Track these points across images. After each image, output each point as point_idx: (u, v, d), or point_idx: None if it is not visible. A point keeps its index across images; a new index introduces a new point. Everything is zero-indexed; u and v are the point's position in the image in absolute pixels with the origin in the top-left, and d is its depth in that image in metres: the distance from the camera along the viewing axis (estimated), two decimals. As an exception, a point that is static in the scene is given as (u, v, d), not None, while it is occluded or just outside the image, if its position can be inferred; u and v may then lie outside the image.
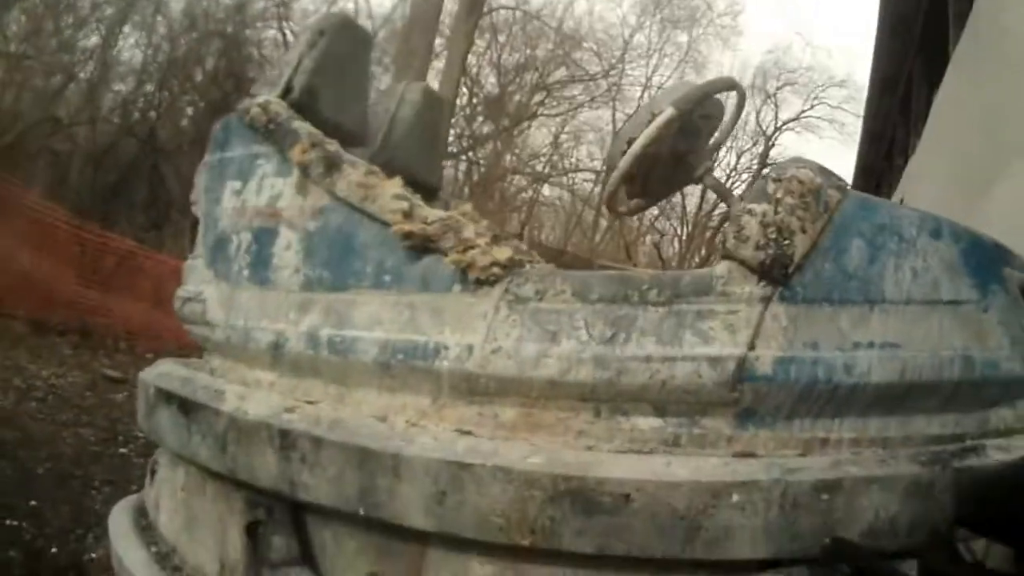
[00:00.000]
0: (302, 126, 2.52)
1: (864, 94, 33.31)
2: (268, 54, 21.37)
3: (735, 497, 1.88)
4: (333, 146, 2.45)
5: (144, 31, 20.79)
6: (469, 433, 2.14)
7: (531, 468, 1.97)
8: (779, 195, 2.04)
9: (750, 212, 2.05)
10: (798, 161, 2.15)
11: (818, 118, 38.55)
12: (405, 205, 2.27)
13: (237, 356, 2.59)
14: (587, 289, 2.10)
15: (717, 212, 35.37)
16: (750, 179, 35.73)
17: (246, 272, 2.52)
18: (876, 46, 13.70)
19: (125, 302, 9.87)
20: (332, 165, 2.40)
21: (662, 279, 2.08)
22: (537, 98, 29.64)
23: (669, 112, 2.40)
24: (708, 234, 36.24)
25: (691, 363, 1.99)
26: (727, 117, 2.85)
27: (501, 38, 29.01)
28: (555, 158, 32.41)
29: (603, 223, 33.14)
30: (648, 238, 36.61)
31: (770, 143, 38.49)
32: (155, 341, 9.69)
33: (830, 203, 2.05)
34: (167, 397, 2.59)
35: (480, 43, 26.63)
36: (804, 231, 2.01)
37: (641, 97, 33.82)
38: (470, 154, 28.02)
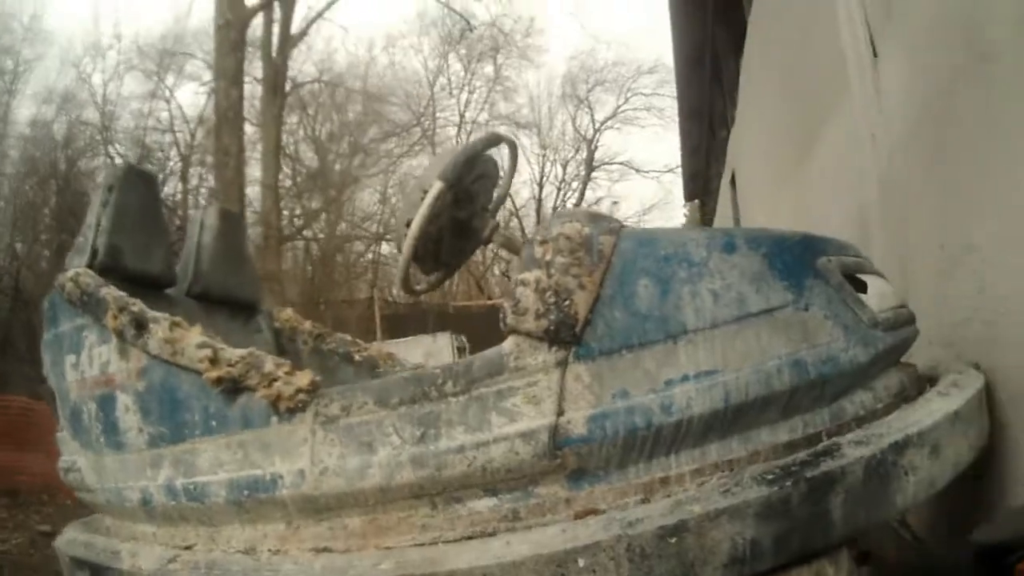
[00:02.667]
0: (108, 292, 2.59)
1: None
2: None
3: (581, 562, 1.88)
4: (138, 306, 2.52)
5: None
6: (325, 549, 2.20)
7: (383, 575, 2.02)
8: (548, 257, 2.02)
9: (523, 283, 2.03)
10: (564, 215, 2.11)
11: (635, 110, 37.79)
12: (209, 352, 2.34)
13: (119, 514, 2.70)
14: (387, 395, 2.14)
15: None
16: (580, 186, 37.27)
17: (102, 439, 2.61)
18: (673, 24, 12.91)
19: (37, 458, 10.16)
20: (140, 325, 2.47)
21: (454, 369, 2.09)
22: (356, 161, 29.46)
23: (437, 187, 2.36)
24: None
25: (504, 443, 2.00)
26: (504, 170, 2.79)
27: (311, 111, 28.90)
28: (386, 215, 31.70)
29: None
30: (496, 269, 35.41)
31: (592, 146, 38.14)
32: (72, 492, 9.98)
33: (604, 251, 2.02)
34: (78, 563, 2.70)
35: (292, 120, 27.01)
36: (583, 287, 1.99)
37: (457, 135, 33.84)
38: (305, 232, 27.71)
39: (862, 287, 2.20)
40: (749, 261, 2.03)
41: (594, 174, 38.28)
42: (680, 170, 22.73)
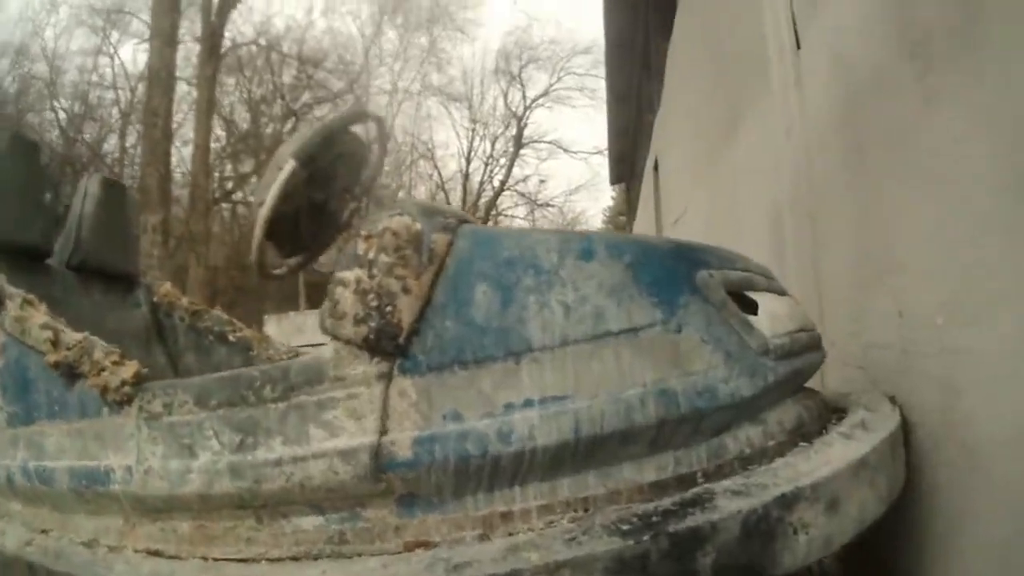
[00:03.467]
0: None
1: None
2: (52, 136, 18.88)
3: None
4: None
5: None
6: (157, 553, 1.68)
7: None
8: (371, 254, 1.46)
9: (342, 283, 1.48)
10: (395, 206, 1.52)
11: (567, 89, 32.73)
12: (50, 334, 1.82)
13: None
14: (207, 395, 1.59)
15: (482, 202, 31.94)
16: (507, 163, 32.30)
17: None
18: (605, 5, 11.35)
19: None
20: (1, 301, 1.96)
21: (272, 373, 1.54)
22: (288, 126, 25.09)
23: (289, 166, 1.82)
24: (479, 219, 31.40)
25: (323, 460, 1.47)
26: (372, 150, 2.18)
27: (247, 74, 25.24)
28: None
29: None
30: None
31: (522, 123, 32.92)
32: None
33: (436, 250, 1.46)
34: None
35: (229, 82, 23.81)
36: (407, 291, 1.44)
37: (389, 104, 29.83)
38: (235, 195, 24.27)
39: (752, 307, 1.57)
40: (610, 271, 1.44)
41: (522, 152, 33.41)
42: (607, 152, 20.39)
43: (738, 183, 3.72)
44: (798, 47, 2.49)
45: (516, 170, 34.31)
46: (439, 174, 34.39)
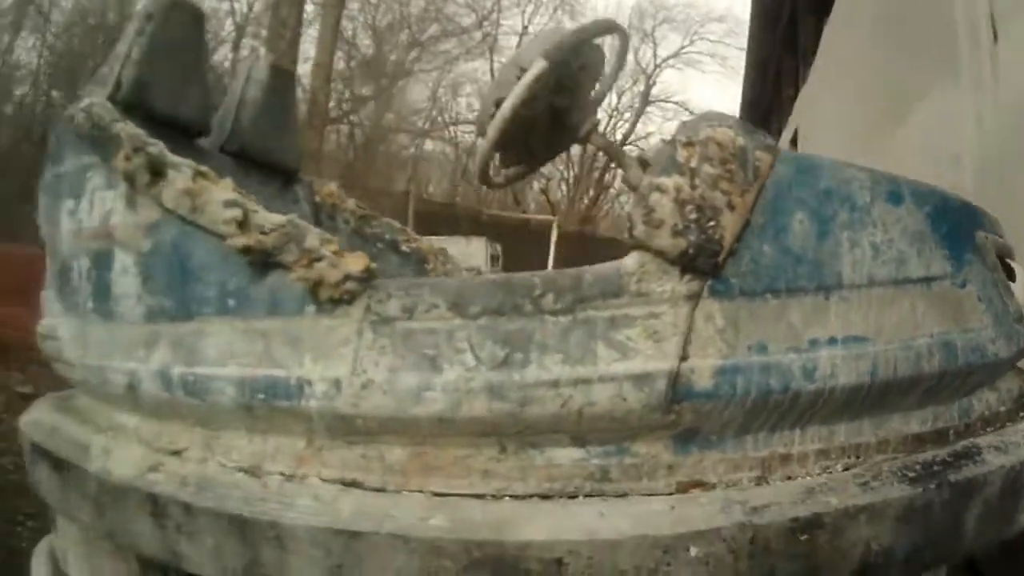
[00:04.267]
0: (123, 128, 1.72)
1: (745, 28, 29.95)
2: None
3: (693, 551, 1.21)
4: (156, 148, 1.66)
5: (38, 32, 17.39)
6: (354, 484, 1.41)
7: (434, 535, 1.27)
8: (694, 163, 1.31)
9: (660, 188, 1.31)
10: (711, 117, 1.39)
11: (699, 53, 33.11)
12: (238, 213, 1.49)
13: (98, 397, 1.83)
14: (466, 300, 1.35)
15: (601, 154, 32.21)
16: (632, 118, 31.96)
17: (90, 304, 1.75)
18: None
19: (31, 311, 8.75)
20: (156, 171, 1.62)
21: (558, 280, 1.33)
22: (412, 55, 24.80)
23: (540, 65, 1.64)
24: (596, 174, 32.05)
25: (611, 384, 1.28)
26: (609, 65, 2.01)
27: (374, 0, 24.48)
28: (434, 113, 27.87)
29: None
30: (535, 184, 31.52)
31: (651, 81, 32.65)
32: None
33: (760, 168, 1.33)
34: (41, 452, 1.83)
35: (354, 6, 22.46)
36: (732, 207, 1.30)
37: (518, 45, 29.01)
38: (351, 117, 23.51)
39: (1010, 274, 1.55)
40: (913, 218, 1.39)
41: (648, 109, 32.32)
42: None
43: (905, 167, 3.59)
44: (995, 38, 2.48)
45: (639, 127, 33.40)
46: None
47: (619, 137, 32.22)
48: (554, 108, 1.81)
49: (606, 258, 1.38)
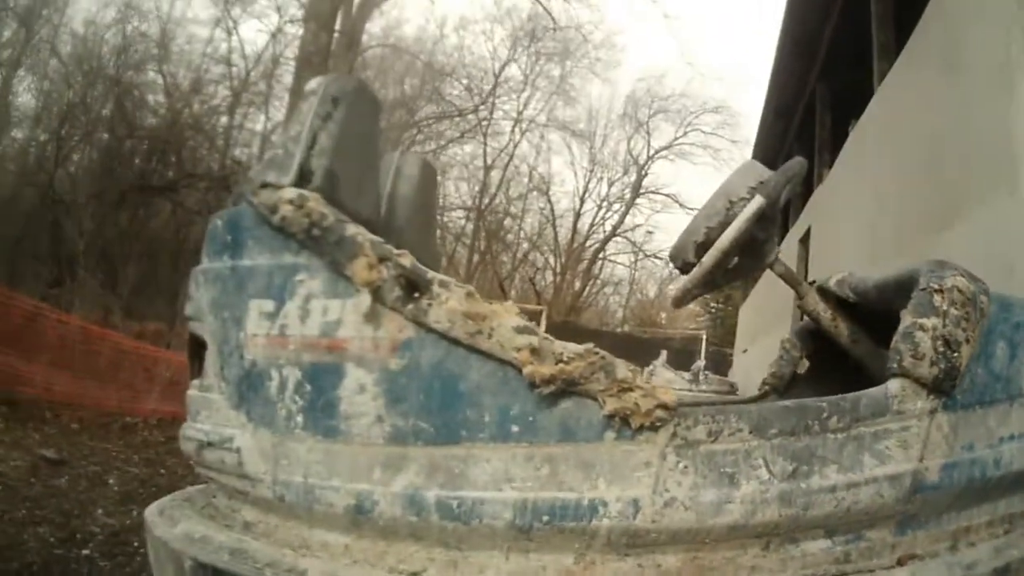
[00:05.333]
0: (360, 233, 1.58)
1: (740, 120, 29.57)
2: (155, 99, 16.67)
3: None
4: (408, 259, 1.55)
5: (37, 75, 16.11)
6: None
7: None
8: (945, 307, 1.65)
9: (922, 328, 1.64)
10: (947, 267, 1.73)
11: (691, 144, 32.90)
12: (534, 340, 1.49)
13: (294, 515, 1.67)
14: (766, 424, 1.55)
15: (589, 244, 32.15)
16: (623, 208, 32.45)
17: (299, 419, 1.59)
18: (774, 69, 11.07)
19: (40, 368, 7.58)
20: (414, 286, 1.53)
21: (841, 404, 1.60)
22: (408, 135, 23.63)
23: (759, 202, 1.83)
24: (581, 265, 32.31)
25: (873, 485, 1.58)
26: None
27: (370, 73, 23.10)
28: None
29: (475, 258, 28.62)
30: (518, 273, 31.20)
31: (642, 172, 33.03)
32: (79, 410, 7.61)
33: (983, 308, 1.71)
34: (214, 572, 1.62)
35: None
36: (968, 341, 1.66)
37: (512, 130, 28.94)
38: None
39: None
40: None
41: (638, 200, 32.84)
42: None
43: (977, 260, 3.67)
44: None
45: (628, 217, 32.36)
46: (551, 208, 31.49)
47: (608, 228, 32.20)
48: (753, 239, 1.95)
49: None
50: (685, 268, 1.94)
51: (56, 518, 4.15)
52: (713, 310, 31.36)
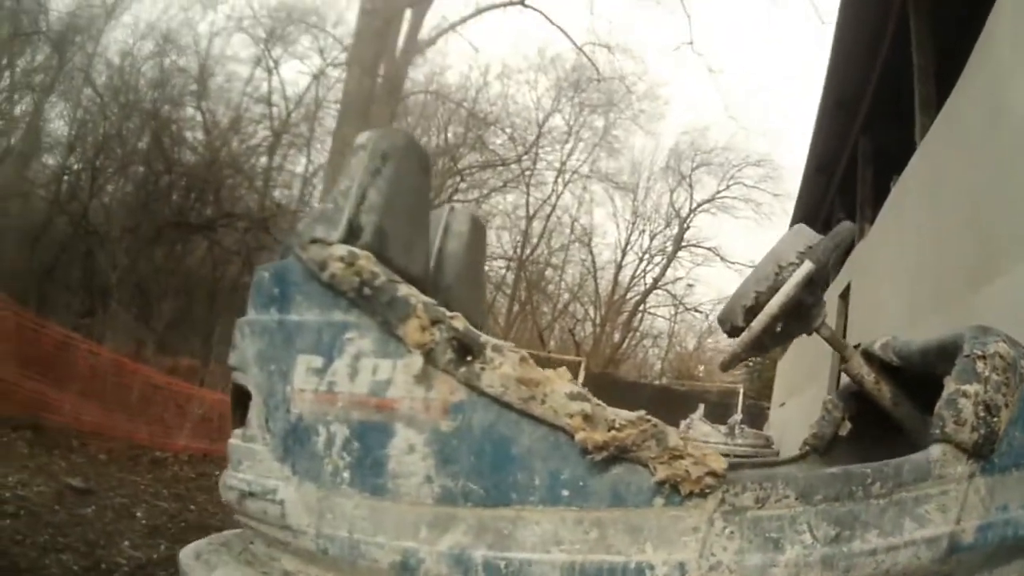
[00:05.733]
0: (412, 294, 1.63)
1: (783, 173, 28.49)
2: (193, 136, 16.79)
3: None
4: (460, 322, 1.60)
5: (70, 102, 16.14)
6: None
7: None
8: (987, 373, 1.68)
9: (965, 395, 1.67)
10: (990, 333, 1.76)
11: (733, 198, 32.39)
12: (587, 407, 1.53)
13: (337, 568, 1.70)
14: (812, 490, 1.58)
15: (630, 296, 31.86)
16: (664, 261, 31.99)
17: (346, 475, 1.63)
18: (817, 123, 10.99)
19: (69, 397, 7.77)
20: (467, 349, 1.58)
21: (884, 471, 1.63)
22: (450, 183, 23.49)
23: (809, 267, 1.86)
24: (621, 317, 32.02)
25: (911, 548, 1.61)
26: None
27: (412, 120, 23.36)
28: None
29: (515, 308, 28.81)
30: (558, 324, 31.00)
31: (684, 225, 32.40)
32: (108, 442, 7.74)
33: (1022, 373, 1.72)
34: None
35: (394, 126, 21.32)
36: (1007, 406, 1.69)
37: (555, 181, 28.79)
38: None
39: None
40: None
41: (679, 253, 32.24)
42: None
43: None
44: None
45: (668, 270, 31.93)
46: (592, 260, 31.20)
47: (650, 280, 31.97)
48: (802, 304, 1.97)
49: (631, 401, 1.67)
50: (734, 332, 1.96)
51: (80, 547, 4.17)
52: (751, 364, 30.89)
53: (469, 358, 1.59)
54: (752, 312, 1.90)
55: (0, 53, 15.24)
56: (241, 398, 1.83)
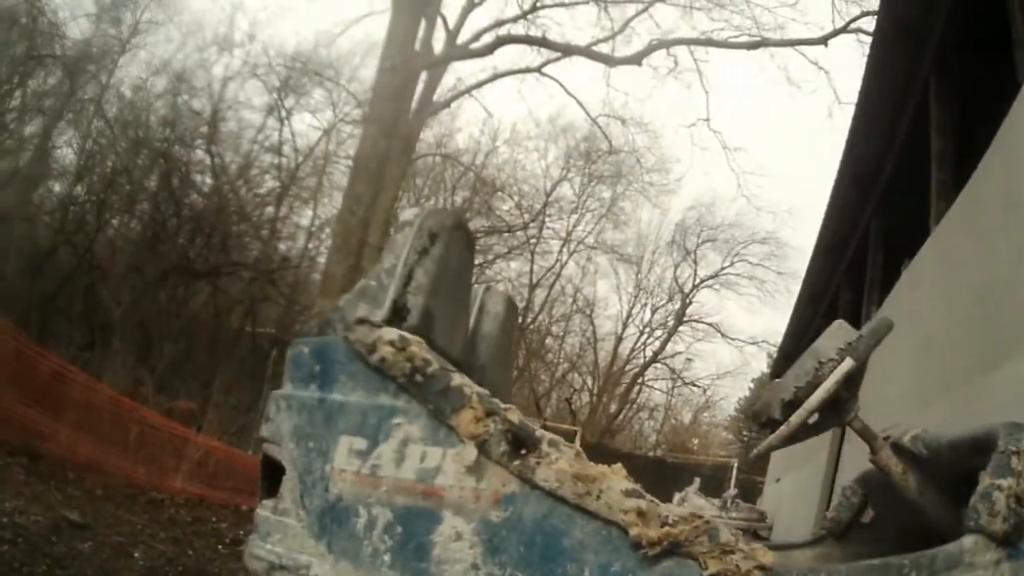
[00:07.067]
0: (466, 384, 1.62)
1: (787, 251, 28.25)
2: (201, 179, 16.34)
3: None
4: (515, 415, 1.59)
5: (79, 131, 15.74)
6: None
7: None
8: (1020, 468, 1.74)
9: (999, 488, 1.72)
10: (1015, 429, 1.80)
11: (737, 275, 32.00)
12: (642, 504, 1.53)
13: None
14: None
15: (629, 368, 31.83)
16: (665, 336, 31.83)
17: (387, 558, 1.61)
18: (830, 203, 10.84)
19: (65, 428, 7.69)
20: (521, 443, 1.58)
21: (920, 560, 1.69)
22: None
23: (850, 364, 1.90)
24: (619, 389, 31.95)
25: None
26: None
27: (420, 181, 23.69)
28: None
29: (514, 375, 27.44)
30: (555, 393, 30.78)
31: (687, 300, 32.15)
32: (104, 477, 7.68)
33: None
34: None
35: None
36: None
37: (560, 250, 28.41)
38: None
39: None
40: None
41: (680, 328, 32.04)
42: (770, 346, 21.94)
43: (999, 412, 3.41)
44: None
45: (669, 344, 31.67)
46: (593, 331, 30.99)
47: (649, 354, 31.71)
48: (838, 398, 1.99)
49: (629, 471, 1.66)
50: (768, 424, 1.96)
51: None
52: (746, 438, 30.81)
53: (523, 451, 1.57)
54: (791, 407, 1.91)
55: (12, 72, 14.97)
56: (271, 469, 1.81)
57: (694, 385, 32.96)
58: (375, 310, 1.72)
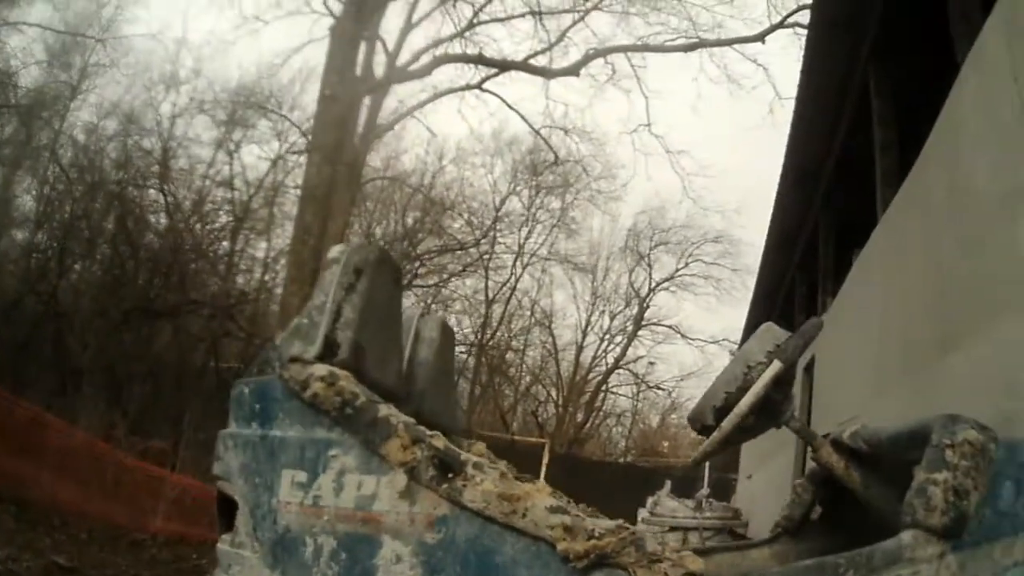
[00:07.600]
0: (392, 414, 1.68)
1: (740, 248, 28.24)
2: (155, 219, 16.62)
3: None
4: (441, 441, 1.66)
5: (37, 178, 16.09)
6: None
7: None
8: (955, 460, 1.77)
9: (934, 482, 1.75)
10: (959, 421, 1.84)
11: (693, 276, 32.05)
12: (566, 519, 1.59)
13: None
14: None
15: (592, 376, 31.68)
16: (624, 341, 31.77)
17: None
18: (777, 199, 10.98)
19: (47, 475, 7.77)
20: (448, 467, 1.64)
21: (856, 559, 1.72)
22: (409, 268, 22.81)
23: (778, 367, 1.95)
24: (584, 398, 31.74)
25: None
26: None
27: (370, 205, 23.77)
28: None
29: (478, 392, 28.17)
30: (520, 407, 30.80)
31: (644, 304, 32.09)
32: (88, 521, 7.75)
33: (990, 456, 1.81)
34: None
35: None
36: (976, 488, 1.77)
37: (514, 264, 28.48)
38: None
39: None
40: None
41: (640, 332, 31.96)
42: (731, 344, 21.39)
43: (955, 396, 3.69)
44: None
45: (629, 349, 31.42)
46: (553, 342, 30.74)
47: (611, 360, 31.62)
48: (771, 400, 2.05)
49: (596, 480, 1.78)
50: (704, 431, 2.02)
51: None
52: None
53: (451, 475, 1.64)
54: (722, 412, 1.96)
55: (-31, 124, 14.64)
56: (227, 506, 1.86)
57: (659, 388, 32.96)
58: (308, 347, 1.79)
